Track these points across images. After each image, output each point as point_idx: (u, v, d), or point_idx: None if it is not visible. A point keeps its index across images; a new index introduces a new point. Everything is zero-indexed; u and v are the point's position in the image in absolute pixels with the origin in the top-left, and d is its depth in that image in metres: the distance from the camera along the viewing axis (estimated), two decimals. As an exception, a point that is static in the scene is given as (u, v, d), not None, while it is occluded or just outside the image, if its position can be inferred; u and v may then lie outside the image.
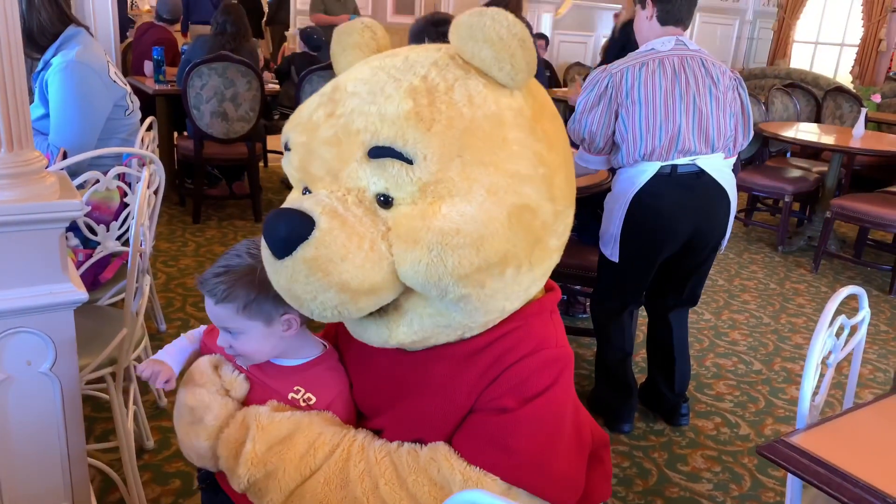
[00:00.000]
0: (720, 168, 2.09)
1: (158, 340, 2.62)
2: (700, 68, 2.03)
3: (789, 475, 1.15)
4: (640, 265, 2.16)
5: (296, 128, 1.02)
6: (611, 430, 2.26)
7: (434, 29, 2.24)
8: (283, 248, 0.91)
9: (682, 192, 2.05)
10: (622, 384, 2.30)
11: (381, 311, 0.99)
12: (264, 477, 1.04)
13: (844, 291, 1.28)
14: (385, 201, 0.93)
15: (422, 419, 1.06)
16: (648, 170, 2.04)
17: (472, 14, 0.94)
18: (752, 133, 2.16)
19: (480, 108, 0.93)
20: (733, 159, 2.19)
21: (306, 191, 1.02)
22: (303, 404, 1.13)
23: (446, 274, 0.90)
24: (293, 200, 1.01)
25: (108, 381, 1.63)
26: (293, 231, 0.90)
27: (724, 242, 2.21)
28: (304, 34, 5.10)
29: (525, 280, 0.99)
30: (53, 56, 2.06)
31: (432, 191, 0.91)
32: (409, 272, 0.91)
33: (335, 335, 1.25)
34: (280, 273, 0.94)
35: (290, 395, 1.13)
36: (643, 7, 2.10)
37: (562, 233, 1.04)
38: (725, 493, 2.05)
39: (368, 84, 0.96)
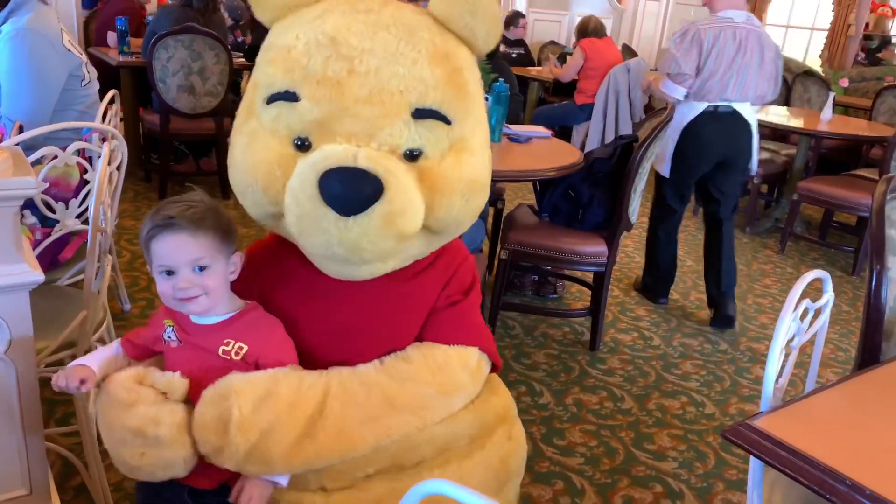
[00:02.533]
0: (748, 109, 2.91)
1: (122, 321, 2.57)
2: (757, 43, 2.77)
3: (752, 457, 1.16)
4: (682, 178, 2.99)
5: (307, 80, 1.00)
6: (653, 302, 3.23)
7: None
8: (362, 206, 0.97)
9: (718, 125, 2.86)
10: (665, 273, 3.21)
11: None
12: (261, 438, 1.01)
13: (809, 276, 1.28)
14: (410, 155, 1.03)
15: (392, 336, 1.19)
16: (697, 107, 2.86)
17: None
18: (778, 90, 2.93)
19: (471, 71, 1.09)
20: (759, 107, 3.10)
21: (302, 143, 1.02)
22: (235, 357, 1.08)
23: (468, 214, 1.10)
24: (303, 158, 1.01)
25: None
26: (374, 190, 0.97)
27: (754, 166, 3.02)
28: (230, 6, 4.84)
29: None
30: (3, 23, 1.97)
31: (456, 147, 1.06)
32: (443, 216, 1.06)
33: (258, 294, 1.18)
34: (351, 228, 0.98)
35: (221, 348, 1.08)
36: None
37: None
38: (690, 471, 2.09)
39: (375, 42, 1.00)
